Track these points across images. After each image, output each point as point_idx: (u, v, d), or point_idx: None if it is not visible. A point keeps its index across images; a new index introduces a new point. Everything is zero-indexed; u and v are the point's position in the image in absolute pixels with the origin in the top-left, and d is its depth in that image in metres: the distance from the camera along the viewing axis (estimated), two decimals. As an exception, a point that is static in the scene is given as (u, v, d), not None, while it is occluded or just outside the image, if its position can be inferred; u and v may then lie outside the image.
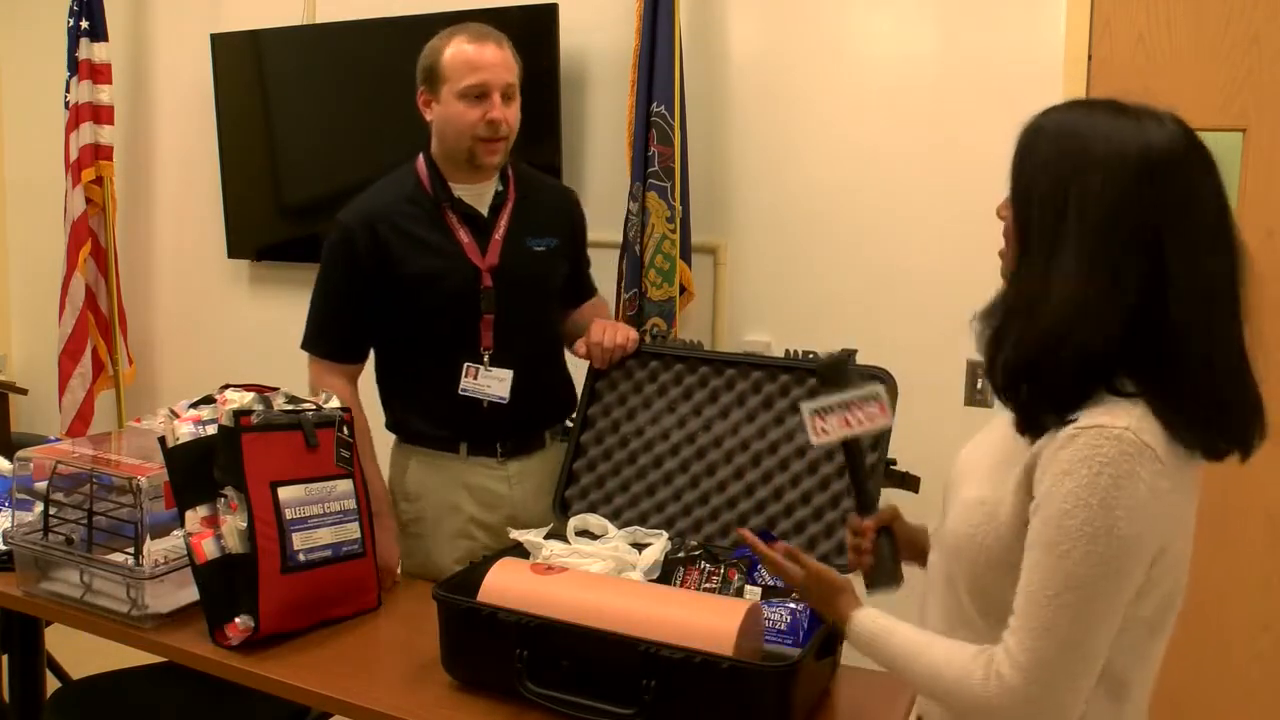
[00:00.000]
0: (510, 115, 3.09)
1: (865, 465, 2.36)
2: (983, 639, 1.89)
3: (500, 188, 3.21)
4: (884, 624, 2.01)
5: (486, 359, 3.16)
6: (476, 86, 3.03)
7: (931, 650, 1.91)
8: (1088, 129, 1.80)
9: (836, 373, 2.29)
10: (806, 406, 2.27)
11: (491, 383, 3.15)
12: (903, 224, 4.11)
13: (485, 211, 3.18)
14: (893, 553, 2.28)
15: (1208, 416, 1.78)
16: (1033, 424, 1.84)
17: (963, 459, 2.10)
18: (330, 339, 3.22)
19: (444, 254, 3.13)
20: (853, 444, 2.30)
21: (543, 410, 3.32)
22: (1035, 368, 1.80)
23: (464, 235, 3.14)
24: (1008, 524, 1.85)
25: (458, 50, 3.05)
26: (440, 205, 3.14)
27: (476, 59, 3.04)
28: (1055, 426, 1.79)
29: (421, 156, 3.20)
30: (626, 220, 4.20)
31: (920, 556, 2.31)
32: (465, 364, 3.15)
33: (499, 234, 3.18)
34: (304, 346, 3.23)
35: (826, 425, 2.25)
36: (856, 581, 2.24)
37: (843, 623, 2.07)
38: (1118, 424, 1.73)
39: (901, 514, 2.35)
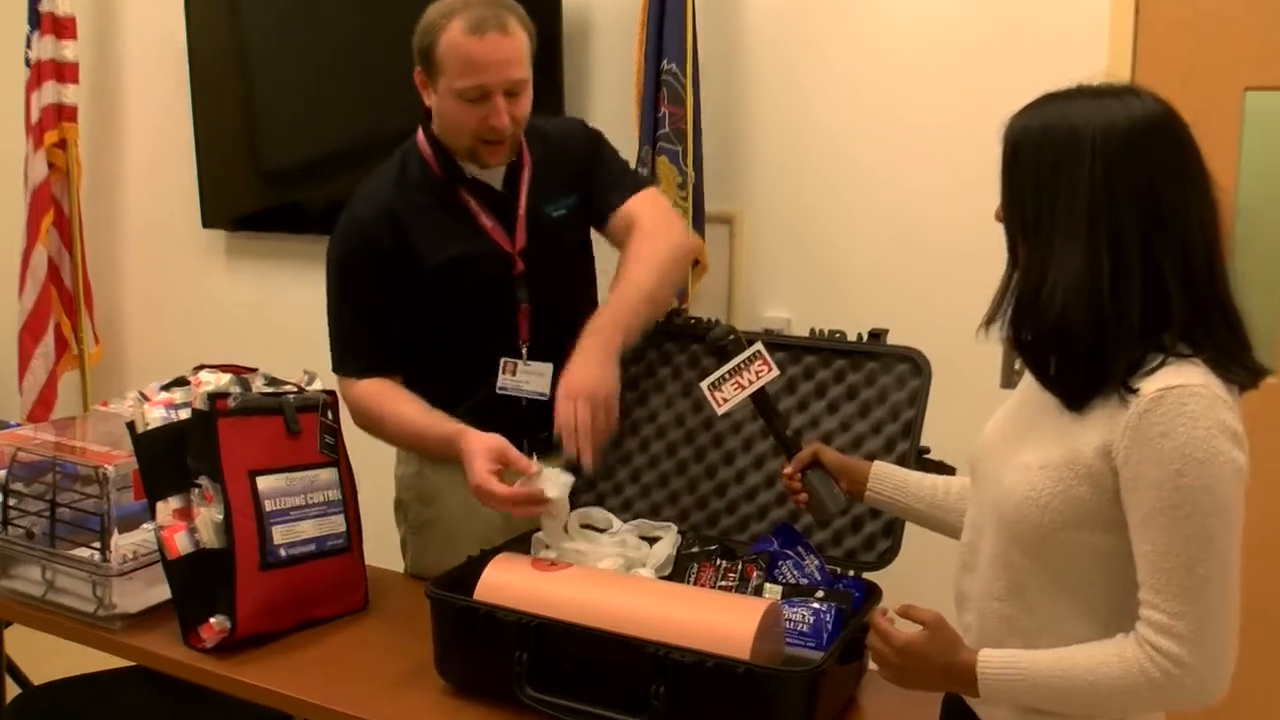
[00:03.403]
0: (518, 111, 2.95)
1: (777, 417, 2.70)
2: (1028, 614, 2.03)
3: (513, 156, 3.09)
4: (1014, 654, 2.02)
5: (525, 352, 3.10)
6: (475, 89, 2.88)
7: (1075, 659, 1.95)
8: (1073, 115, 1.96)
9: (721, 347, 2.68)
10: (702, 385, 2.69)
11: (531, 378, 3.09)
12: (934, 192, 4.11)
13: (501, 185, 3.09)
14: (825, 483, 2.58)
15: (1238, 355, 1.96)
16: (1077, 401, 1.97)
17: (994, 432, 2.20)
18: (365, 354, 3.08)
19: (469, 241, 3.04)
20: (760, 401, 2.67)
21: None
22: (1061, 356, 1.98)
23: (486, 219, 3.06)
24: (1078, 487, 1.95)
25: (455, 42, 2.87)
26: (454, 186, 3.06)
27: (475, 57, 2.86)
28: (1119, 394, 1.90)
29: (421, 133, 3.10)
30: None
31: (858, 484, 2.55)
32: (503, 360, 3.09)
33: (521, 208, 3.09)
34: (336, 369, 3.10)
35: (724, 394, 2.65)
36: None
37: (970, 671, 2.06)
38: (1194, 381, 1.86)
39: (824, 446, 2.62)
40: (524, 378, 3.09)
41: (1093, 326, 1.90)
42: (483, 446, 2.77)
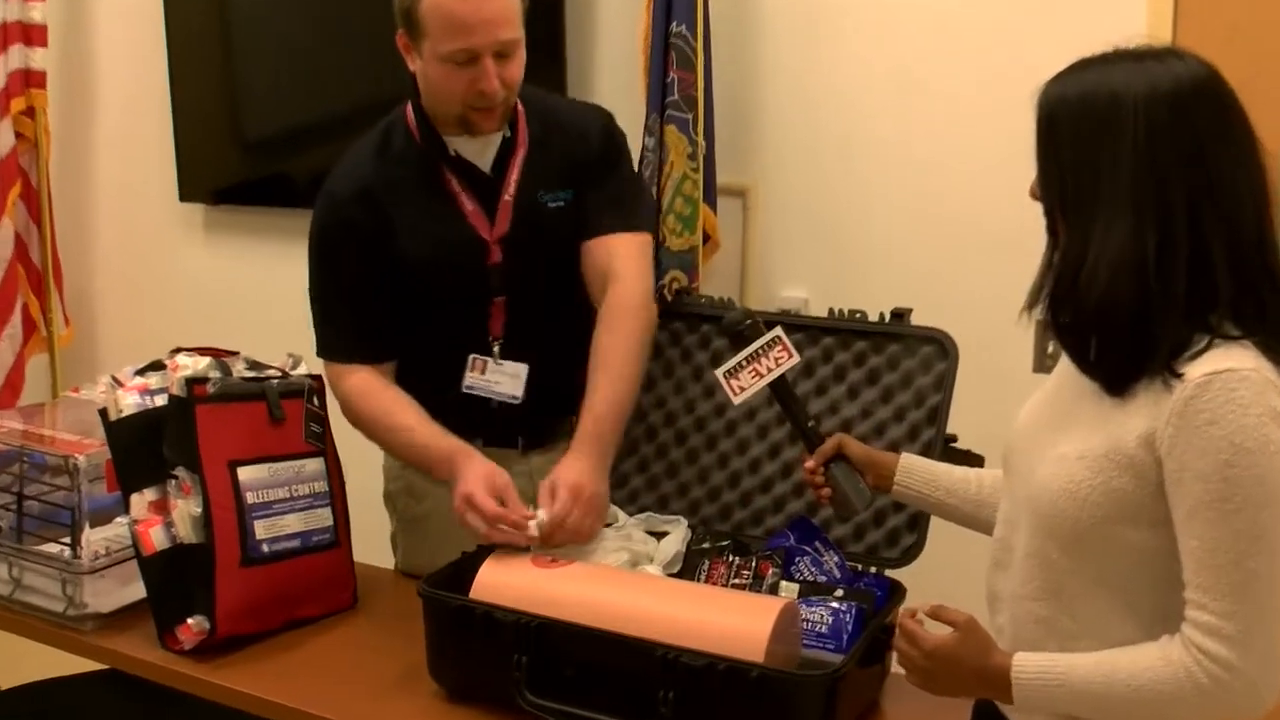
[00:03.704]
0: (509, 74, 2.89)
1: (798, 406, 2.67)
2: (1066, 615, 2.02)
3: (507, 133, 3.05)
4: (1051, 657, 2.01)
5: (496, 350, 3.08)
6: (462, 52, 2.82)
7: (1116, 664, 1.94)
8: (1112, 80, 1.94)
9: (738, 332, 2.64)
10: (718, 372, 2.65)
11: (502, 379, 3.06)
12: (961, 163, 4.09)
13: (489, 167, 3.05)
14: (849, 477, 2.55)
15: None
16: (1118, 386, 1.96)
17: (1028, 421, 2.20)
18: (350, 337, 3.06)
19: (445, 225, 3.02)
20: (779, 390, 2.64)
21: (571, 398, 3.13)
22: (1103, 338, 1.97)
23: (467, 201, 3.02)
24: (1119, 478, 1.94)
25: (439, 2, 2.80)
26: (436, 164, 3.03)
27: (461, 16, 2.79)
28: (1163, 379, 1.89)
29: (409, 106, 3.07)
30: (641, 158, 4.17)
31: (885, 477, 2.54)
32: (472, 356, 3.07)
33: (509, 194, 3.05)
34: (321, 354, 3.09)
35: (740, 382, 2.62)
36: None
37: (1004, 676, 2.05)
38: (1244, 365, 1.85)
39: (848, 438, 2.60)
40: (494, 377, 3.07)
41: (1137, 305, 1.89)
42: (485, 471, 2.76)
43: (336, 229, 3.02)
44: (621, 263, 3.05)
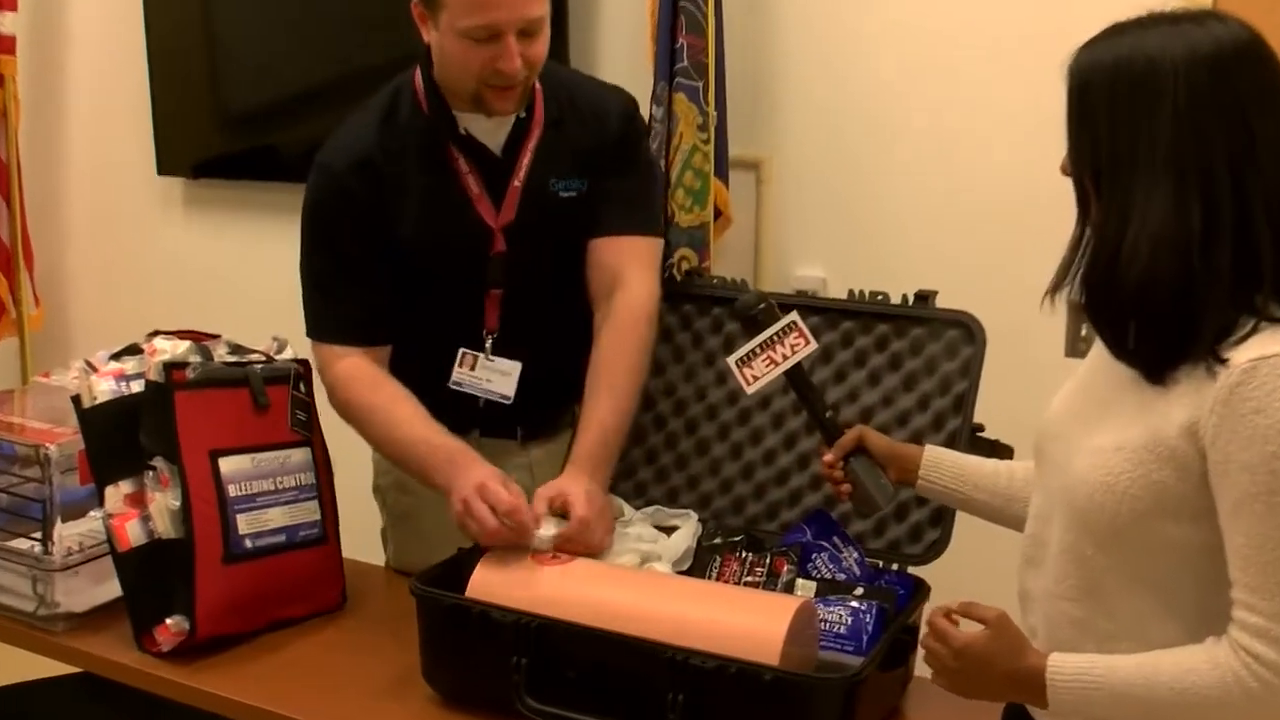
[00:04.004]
0: (533, 53, 2.84)
1: (816, 396, 2.67)
2: (1104, 616, 2.02)
3: (522, 114, 3.00)
4: (1089, 658, 2.00)
5: (489, 345, 3.06)
6: (483, 28, 2.75)
7: (1159, 667, 1.93)
8: (1149, 44, 1.93)
9: (750, 316, 2.64)
10: (730, 360, 2.65)
11: (492, 376, 3.04)
12: (991, 134, 4.09)
13: (500, 148, 3.01)
14: (871, 472, 2.56)
15: None
16: (1158, 373, 1.95)
17: (1061, 410, 2.19)
18: (342, 316, 3.01)
19: (448, 209, 2.98)
20: (795, 379, 2.64)
21: (572, 387, 3.10)
22: (1142, 321, 1.96)
23: (473, 183, 2.99)
24: (1160, 470, 1.93)
25: None
26: (443, 141, 3.01)
27: None
28: (1206, 364, 1.88)
29: (418, 73, 3.01)
30: (649, 129, 4.17)
31: (909, 471, 2.55)
32: (461, 350, 3.05)
33: (518, 179, 3.01)
34: (311, 334, 3.04)
35: (754, 370, 2.61)
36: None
37: (1038, 678, 2.03)
38: None
39: (869, 430, 2.61)
40: (485, 374, 3.05)
41: (1180, 284, 1.88)
42: (495, 469, 2.74)
43: (333, 200, 2.97)
44: (631, 268, 3.04)
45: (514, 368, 3.04)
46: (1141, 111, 1.90)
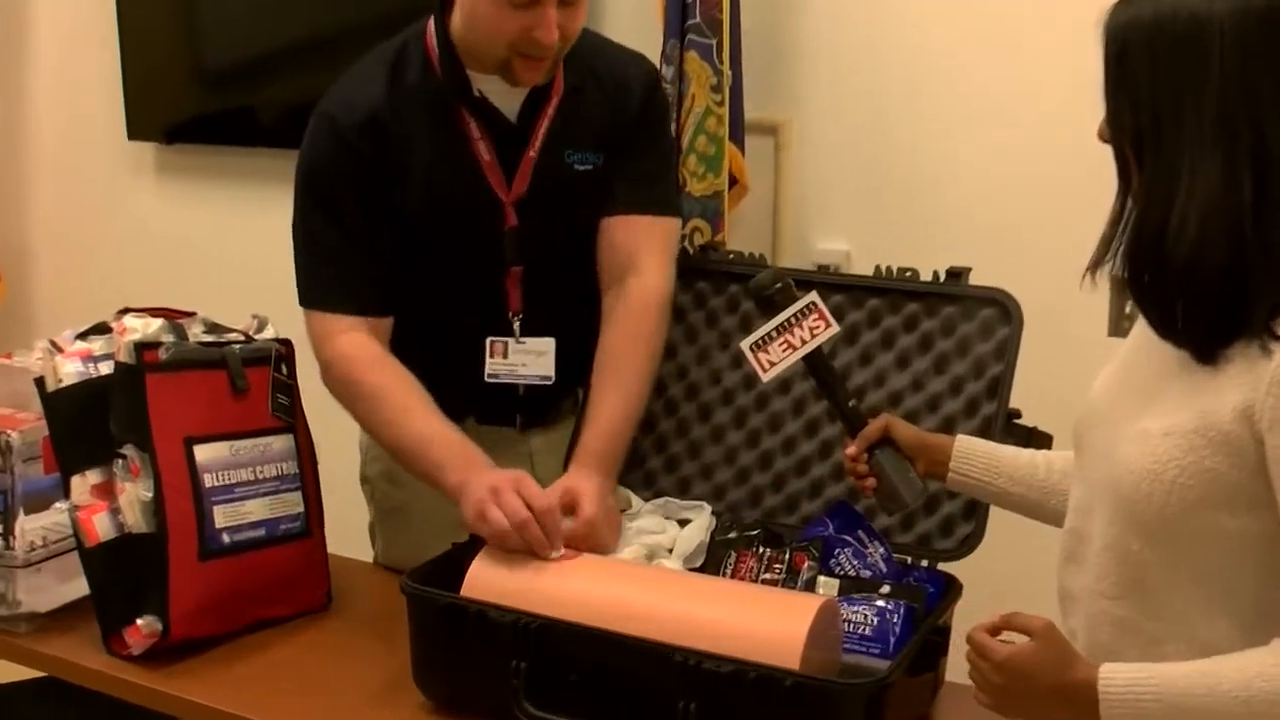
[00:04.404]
0: (571, 24, 2.83)
1: (837, 383, 2.69)
2: (1151, 617, 2.02)
3: (552, 76, 2.98)
4: (1144, 668, 1.97)
5: (518, 327, 3.05)
6: None
7: (1220, 673, 1.91)
8: (1193, 1, 1.90)
9: (766, 297, 2.63)
10: (744, 344, 2.64)
11: (528, 359, 3.04)
12: (1032, 97, 4.08)
13: (516, 115, 3.00)
14: (898, 465, 2.58)
15: None
16: (1208, 353, 1.95)
17: (1104, 393, 2.19)
18: (339, 281, 2.98)
19: (457, 177, 2.97)
20: (815, 364, 2.64)
21: (576, 371, 3.12)
22: (1191, 300, 1.95)
23: (484, 150, 2.97)
24: (1212, 457, 1.92)
25: None
26: (454, 104, 2.98)
27: None
28: (1260, 342, 1.89)
29: (432, 26, 2.98)
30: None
31: (939, 464, 2.56)
32: (490, 340, 3.03)
33: (534, 149, 3.00)
34: (304, 302, 3.00)
35: (770, 356, 2.61)
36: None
37: (1089, 691, 2.01)
38: None
39: (896, 420, 2.61)
40: (519, 359, 3.05)
41: (1231, 259, 1.87)
42: (511, 478, 2.68)
43: (335, 155, 2.93)
44: (645, 252, 3.04)
45: (549, 345, 3.04)
46: (1186, 73, 1.89)
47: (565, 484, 2.75)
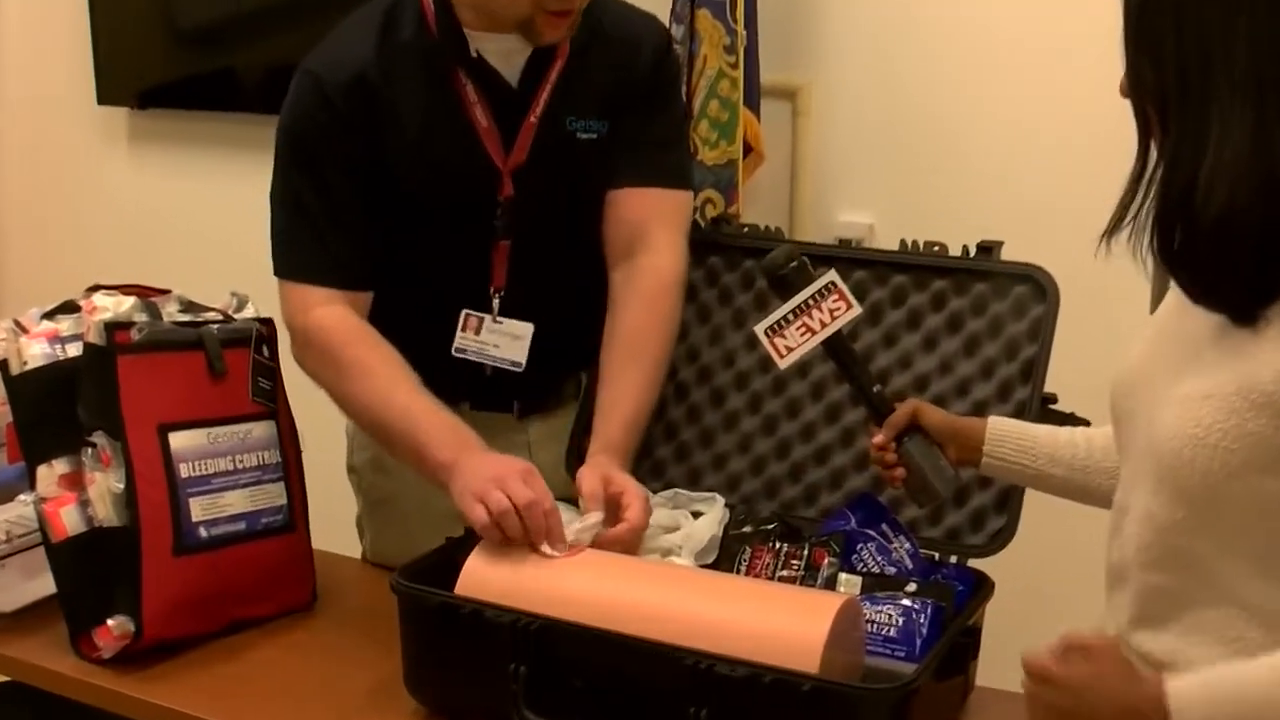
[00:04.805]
0: None
1: (860, 367, 2.69)
2: (1198, 586, 2.01)
3: (573, 33, 2.96)
4: (1215, 674, 1.95)
5: (496, 304, 3.04)
6: None
7: None
8: None
9: (780, 276, 2.64)
10: (758, 329, 2.65)
11: (501, 341, 3.02)
12: (1069, 58, 4.07)
13: (516, 79, 2.99)
14: (928, 454, 2.57)
15: None
16: (1246, 313, 1.95)
17: (1141, 358, 2.20)
18: (329, 253, 2.97)
19: (452, 141, 2.96)
20: (836, 348, 2.65)
21: (579, 355, 3.14)
22: (1223, 263, 1.94)
23: (481, 115, 2.96)
24: (1255, 419, 1.92)
25: None
26: (449, 65, 2.95)
27: None
28: None
29: None
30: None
31: (972, 450, 2.55)
32: (465, 312, 3.03)
33: (534, 114, 2.99)
34: (279, 272, 3.00)
35: (787, 340, 2.61)
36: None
37: (1159, 707, 2.01)
38: None
39: (925, 404, 2.62)
40: (492, 338, 3.03)
41: (1267, 221, 1.86)
42: (519, 469, 2.65)
43: (319, 116, 2.92)
44: (657, 227, 3.04)
45: (525, 330, 3.02)
46: (1212, 25, 1.88)
47: (606, 471, 2.73)
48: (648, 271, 2.98)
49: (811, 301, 2.57)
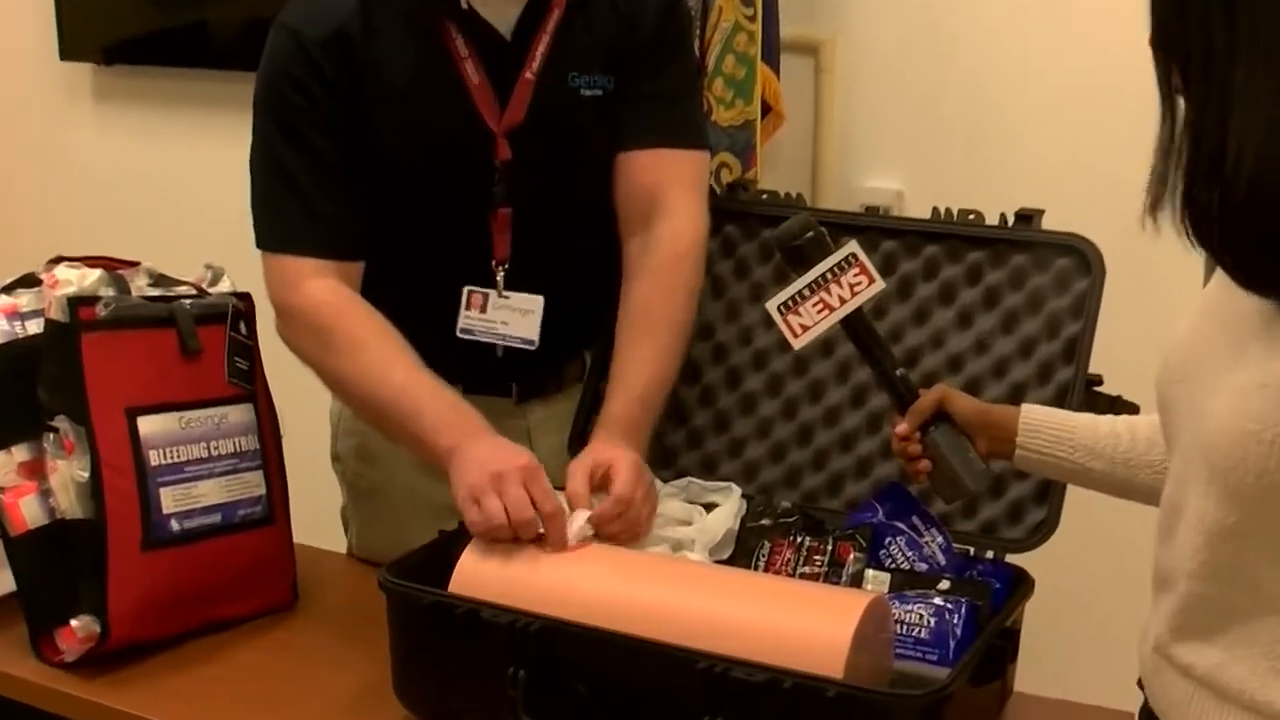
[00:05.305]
0: None
1: (881, 349, 2.66)
2: (1245, 593, 1.98)
3: None
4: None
5: (501, 278, 3.03)
6: None
7: None
8: None
9: (795, 248, 2.61)
10: (770, 305, 2.62)
11: (510, 317, 3.01)
12: (1118, 4, 4.07)
13: (510, 32, 2.99)
14: (956, 445, 2.55)
15: None
16: None
17: (1188, 342, 2.17)
18: (317, 221, 2.95)
19: (441, 101, 2.96)
20: (855, 327, 2.62)
21: (583, 334, 3.17)
22: (1260, 237, 1.89)
23: (472, 71, 2.95)
24: None
25: None
26: (438, 18, 2.94)
27: None
28: None
29: None
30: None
31: (1004, 440, 2.52)
32: (467, 290, 3.02)
33: (530, 70, 2.98)
34: (264, 245, 2.98)
35: (802, 318, 2.58)
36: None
37: None
38: None
39: (953, 391, 2.60)
40: (500, 315, 3.02)
41: None
42: (520, 469, 2.66)
43: (298, 71, 2.90)
44: (674, 190, 3.04)
45: (535, 304, 3.01)
46: None
47: (598, 454, 2.75)
48: (664, 238, 2.99)
49: (830, 275, 2.54)
